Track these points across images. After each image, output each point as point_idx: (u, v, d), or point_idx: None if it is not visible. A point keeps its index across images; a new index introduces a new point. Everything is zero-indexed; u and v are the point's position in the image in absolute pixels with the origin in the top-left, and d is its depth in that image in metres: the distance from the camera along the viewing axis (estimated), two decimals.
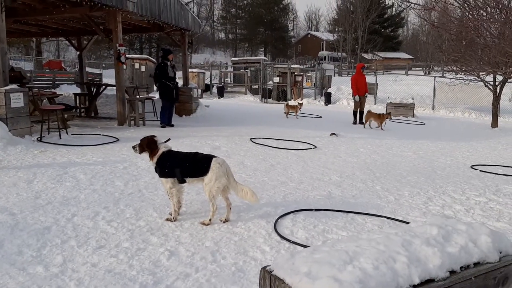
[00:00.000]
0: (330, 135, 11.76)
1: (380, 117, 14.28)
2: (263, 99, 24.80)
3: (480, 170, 8.15)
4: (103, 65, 51.19)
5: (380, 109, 21.44)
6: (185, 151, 5.22)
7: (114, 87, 18.21)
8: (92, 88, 15.07)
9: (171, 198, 4.96)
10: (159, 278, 3.68)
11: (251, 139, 10.43)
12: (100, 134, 10.43)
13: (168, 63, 12.52)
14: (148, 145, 4.95)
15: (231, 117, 15.67)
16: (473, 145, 11.57)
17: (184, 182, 5.00)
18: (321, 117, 17.14)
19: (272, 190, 6.29)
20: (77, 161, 7.61)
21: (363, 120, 14.84)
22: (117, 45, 12.19)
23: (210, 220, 4.90)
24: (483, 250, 3.03)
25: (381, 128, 14.09)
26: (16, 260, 3.89)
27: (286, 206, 5.60)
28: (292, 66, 25.18)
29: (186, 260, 4.03)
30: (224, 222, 4.95)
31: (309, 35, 79.56)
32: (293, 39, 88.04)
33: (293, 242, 4.44)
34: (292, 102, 17.01)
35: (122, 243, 4.36)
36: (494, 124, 16.55)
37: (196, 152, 5.18)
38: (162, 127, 12.34)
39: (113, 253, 4.13)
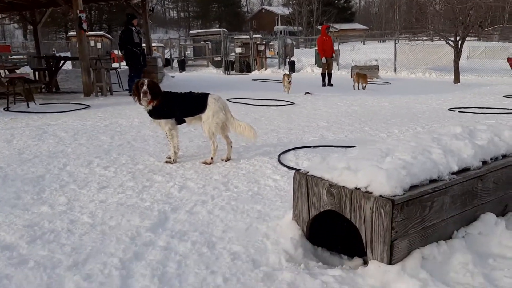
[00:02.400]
0: (305, 94, 11.73)
1: (366, 77, 14.41)
2: (226, 71, 24.46)
3: (459, 111, 8.35)
4: (53, 49, 49.01)
5: (344, 74, 21.66)
6: (178, 92, 5.04)
7: (74, 61, 17.43)
8: (52, 62, 14.36)
9: (171, 140, 4.78)
10: (176, 205, 3.54)
11: (228, 99, 10.24)
12: (69, 103, 9.97)
13: (133, 28, 12.01)
14: (154, 88, 4.58)
15: (200, 86, 15.33)
16: (442, 96, 11.85)
17: (183, 122, 4.84)
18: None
19: (265, 136, 6.20)
20: (53, 124, 7.23)
21: (352, 83, 14.48)
22: (78, 11, 11.60)
23: (212, 158, 4.77)
24: (509, 143, 3.06)
25: (364, 88, 14.15)
26: (16, 204, 3.65)
27: (284, 146, 5.53)
28: (254, 36, 24.95)
29: (199, 191, 3.90)
30: (226, 161, 4.83)
31: (263, 10, 78.89)
32: (247, 14, 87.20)
33: None
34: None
35: (125, 183, 4.17)
36: (456, 79, 17.02)
37: (190, 92, 5.00)
38: (131, 95, 11.91)
39: (119, 191, 3.95)
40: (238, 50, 24.43)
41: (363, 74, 14.65)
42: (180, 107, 4.74)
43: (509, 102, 9.95)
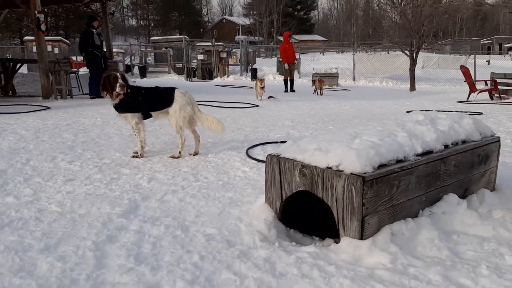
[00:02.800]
0: (268, 98, 11.89)
1: (324, 82, 15.16)
2: (188, 78, 24.37)
3: None
4: (7, 55, 47.31)
5: (305, 82, 22.03)
6: (145, 86, 5.01)
7: (30, 65, 16.93)
8: (8, 65, 13.90)
9: (138, 134, 4.75)
10: (146, 195, 3.52)
11: None
12: (28, 104, 9.69)
13: (94, 30, 11.83)
14: (125, 82, 4.54)
15: None
16: (400, 101, 12.26)
17: (150, 116, 4.82)
18: (253, 88, 17.20)
19: (232, 133, 6.24)
20: (13, 123, 7.01)
21: (313, 88, 15.34)
22: (36, 12, 11.32)
23: (179, 152, 4.77)
24: (467, 130, 3.23)
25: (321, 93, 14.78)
26: None
27: (250, 142, 5.59)
28: (216, 43, 25.01)
29: (168, 181, 3.90)
30: (193, 155, 4.84)
31: (224, 20, 79.22)
32: (208, 24, 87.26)
33: None
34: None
35: (92, 175, 4.11)
36: (412, 87, 17.68)
37: (157, 86, 4.98)
38: (91, 98, 11.68)
39: (87, 183, 3.89)
40: (200, 57, 24.43)
41: (322, 80, 15.27)
42: (147, 101, 4.72)
43: (462, 106, 10.41)
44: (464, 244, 2.60)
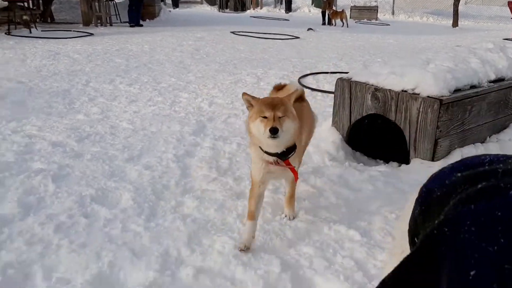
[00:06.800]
0: (307, 30, 11.64)
1: (342, 14, 14.65)
2: (220, 9, 23.93)
3: None
4: None
5: None
6: None
7: None
8: None
9: None
10: (210, 117, 3.65)
11: (231, 32, 10.15)
12: (71, 30, 9.78)
13: None
14: None
15: (198, 20, 15.06)
16: (444, 36, 11.88)
17: None
18: (288, 20, 16.84)
19: (279, 63, 6.24)
20: (62, 47, 7.14)
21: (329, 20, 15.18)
22: None
23: None
24: None
25: (347, 25, 14.37)
26: (50, 112, 3.70)
27: (300, 72, 5.60)
28: None
29: (228, 106, 4.00)
30: None
31: None
32: None
33: (326, 91, 4.48)
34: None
35: (154, 98, 4.24)
36: (455, 23, 16.95)
37: None
38: (131, 26, 11.67)
39: (150, 104, 4.03)
40: None
41: (340, 12, 15.11)
42: None
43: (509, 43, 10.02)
44: None
